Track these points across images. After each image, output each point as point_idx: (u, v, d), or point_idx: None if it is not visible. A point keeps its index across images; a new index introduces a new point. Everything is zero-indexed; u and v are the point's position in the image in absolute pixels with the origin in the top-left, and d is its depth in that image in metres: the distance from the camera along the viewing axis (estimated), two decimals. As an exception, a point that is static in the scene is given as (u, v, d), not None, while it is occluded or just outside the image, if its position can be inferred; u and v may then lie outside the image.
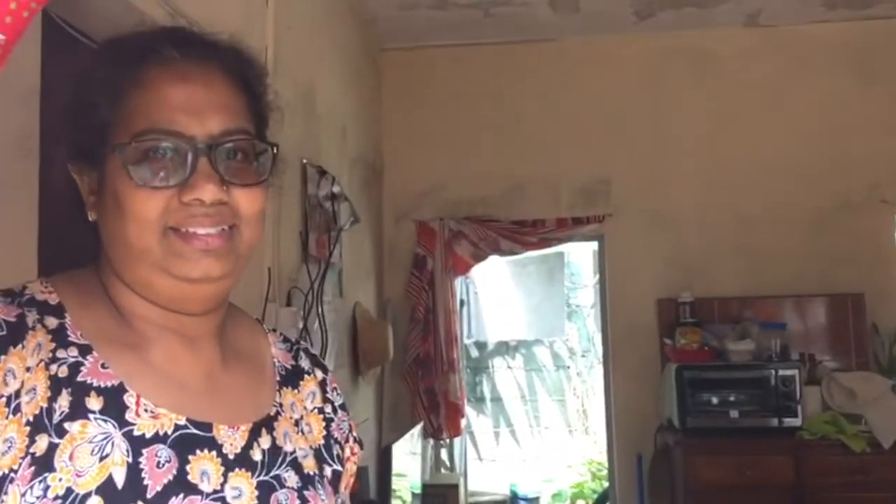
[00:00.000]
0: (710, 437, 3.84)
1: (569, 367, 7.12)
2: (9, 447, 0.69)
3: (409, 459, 3.45)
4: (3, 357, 0.71)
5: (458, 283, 4.82)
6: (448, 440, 4.62)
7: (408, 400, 4.38)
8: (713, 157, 4.41)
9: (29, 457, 0.69)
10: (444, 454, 4.78)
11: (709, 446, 3.81)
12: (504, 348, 6.92)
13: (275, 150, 0.82)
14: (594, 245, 4.98)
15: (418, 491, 3.72)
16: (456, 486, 4.30)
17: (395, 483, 3.09)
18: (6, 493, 0.67)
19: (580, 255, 7.17)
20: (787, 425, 3.80)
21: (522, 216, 4.48)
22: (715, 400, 3.87)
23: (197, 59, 0.80)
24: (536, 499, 6.12)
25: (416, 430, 3.73)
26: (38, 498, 0.67)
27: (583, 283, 7.42)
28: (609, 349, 4.56)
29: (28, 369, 0.72)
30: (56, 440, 0.70)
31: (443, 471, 4.75)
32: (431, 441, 4.43)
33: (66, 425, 0.71)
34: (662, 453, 4.14)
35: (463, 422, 4.49)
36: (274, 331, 0.96)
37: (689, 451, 3.82)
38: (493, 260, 4.81)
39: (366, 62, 4.29)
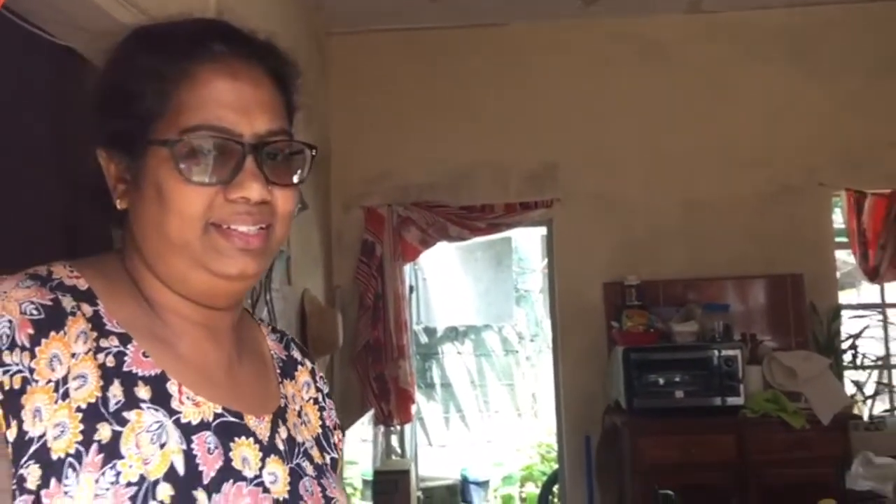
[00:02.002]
0: (657, 417, 3.91)
1: (518, 352, 7.17)
2: (61, 432, 0.69)
3: (360, 446, 3.44)
4: (44, 341, 0.71)
5: (407, 269, 4.81)
6: (398, 426, 4.62)
7: (358, 387, 4.36)
8: (658, 143, 4.47)
9: (95, 444, 0.70)
10: (394, 440, 4.78)
11: (655, 426, 3.88)
12: (453, 334, 6.95)
13: (313, 153, 0.83)
14: (542, 230, 5.01)
15: (369, 478, 3.71)
16: (407, 472, 4.30)
17: (347, 470, 3.07)
18: (75, 480, 0.68)
19: (528, 241, 7.22)
20: (730, 404, 3.88)
21: (471, 202, 4.48)
22: (661, 381, 3.94)
23: (244, 56, 0.80)
24: (486, 482, 6.18)
25: (367, 417, 3.72)
26: (111, 483, 0.68)
27: (531, 268, 7.48)
28: (557, 333, 4.61)
29: (74, 355, 0.72)
30: (118, 428, 0.71)
31: (393, 457, 4.75)
32: (382, 428, 4.42)
33: (125, 414, 0.72)
34: (610, 434, 4.21)
35: (413, 408, 4.50)
36: (262, 321, 0.98)
37: (636, 432, 3.89)
38: (442, 246, 4.81)
39: (311, 47, 4.23)
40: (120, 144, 0.80)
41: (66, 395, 0.71)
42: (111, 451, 0.70)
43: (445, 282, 6.84)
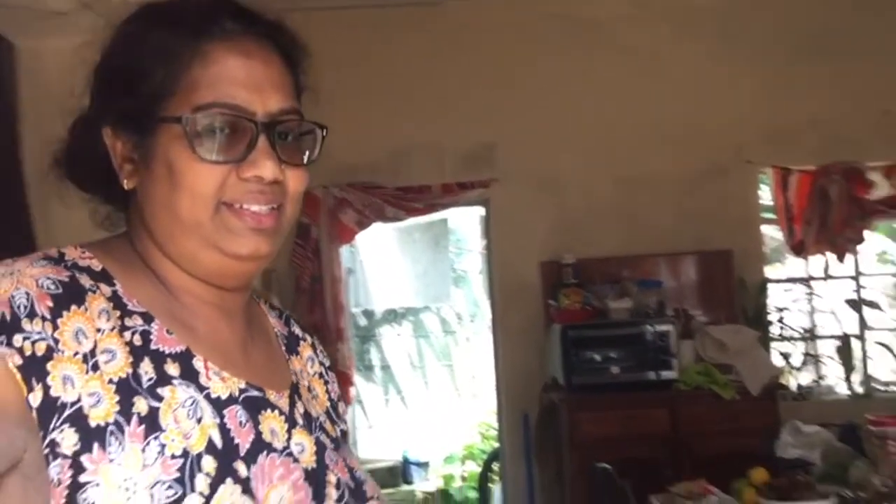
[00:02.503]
0: (594, 393, 3.97)
1: (456, 333, 7.20)
2: (97, 400, 0.69)
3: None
4: (65, 313, 0.71)
5: (344, 251, 4.76)
6: (338, 410, 4.58)
7: (296, 371, 4.30)
8: (593, 122, 4.51)
9: (135, 416, 0.70)
10: (334, 424, 4.74)
11: (592, 402, 3.94)
12: (392, 316, 6.92)
13: (324, 133, 0.83)
14: (480, 210, 5.02)
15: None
16: (347, 455, 4.28)
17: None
18: (119, 448, 0.68)
19: (465, 222, 7.24)
20: (664, 378, 3.97)
21: (408, 182, 4.46)
22: (597, 357, 4.01)
23: (255, 35, 0.80)
24: (427, 463, 6.20)
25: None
26: (158, 454, 0.69)
27: (468, 248, 7.50)
28: (496, 312, 4.63)
29: (99, 331, 0.72)
30: (155, 404, 0.71)
31: (333, 440, 4.71)
32: (321, 411, 4.38)
33: (159, 391, 0.72)
34: (548, 411, 4.26)
35: (352, 390, 4.47)
36: (260, 298, 0.97)
37: (574, 408, 3.94)
38: (379, 228, 4.77)
39: None
40: (129, 123, 0.79)
41: (95, 367, 0.70)
42: (152, 424, 0.70)
43: (383, 263, 6.81)
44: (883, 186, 4.45)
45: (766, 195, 4.71)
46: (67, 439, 0.67)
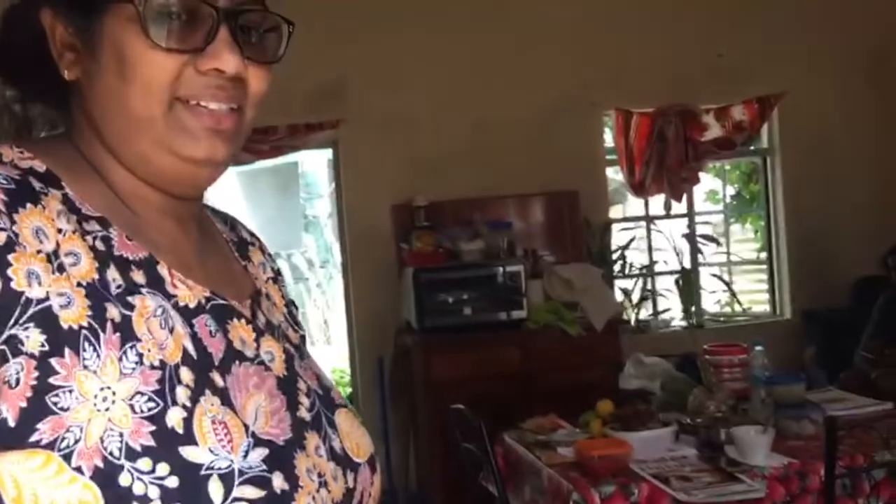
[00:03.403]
0: (446, 334, 3.99)
1: (308, 279, 7.06)
2: (68, 301, 0.63)
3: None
4: (21, 210, 0.64)
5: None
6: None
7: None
8: (446, 62, 4.43)
9: (109, 322, 0.65)
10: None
11: (445, 344, 3.96)
12: (239, 264, 6.68)
13: (290, 29, 0.77)
14: (329, 153, 4.86)
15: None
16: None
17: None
18: (94, 354, 0.63)
19: (316, 165, 7.05)
20: (514, 318, 4.05)
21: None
22: (450, 299, 4.02)
23: None
24: (281, 412, 6.08)
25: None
26: (135, 364, 0.64)
27: (319, 193, 7.32)
28: (347, 258, 4.54)
29: (60, 231, 0.66)
30: (127, 312, 0.66)
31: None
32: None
33: (129, 299, 0.67)
34: (402, 354, 4.26)
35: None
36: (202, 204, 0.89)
37: (428, 350, 3.95)
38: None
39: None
40: (72, 2, 0.70)
41: (62, 269, 0.64)
42: (127, 332, 0.65)
43: (229, 211, 6.52)
44: (715, 128, 4.68)
45: (608, 138, 4.85)
46: (33, 338, 0.61)
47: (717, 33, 4.70)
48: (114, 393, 0.62)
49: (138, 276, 0.69)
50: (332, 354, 6.70)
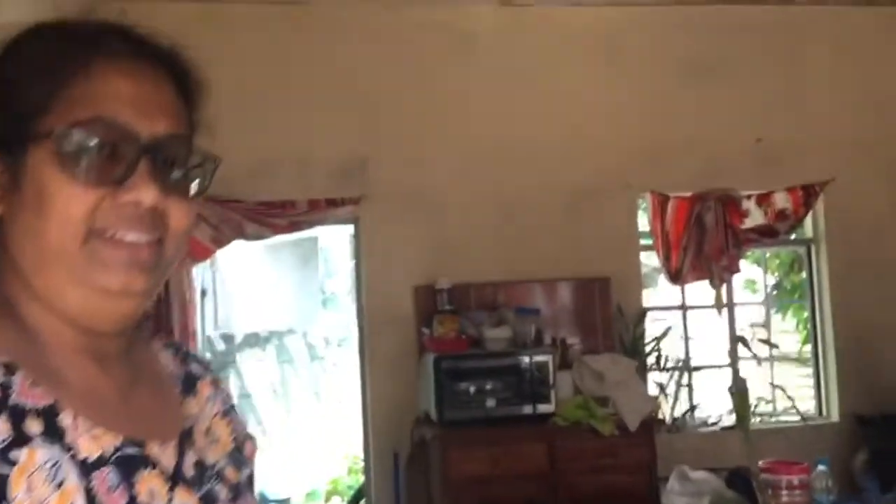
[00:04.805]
0: (467, 428, 3.71)
1: (324, 358, 6.81)
2: None
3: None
4: None
5: (200, 270, 4.31)
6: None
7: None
8: (470, 139, 4.28)
9: None
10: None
11: (465, 438, 3.69)
12: (254, 340, 6.46)
13: (216, 164, 0.78)
14: (350, 229, 4.68)
15: None
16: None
17: None
18: None
19: (336, 240, 6.89)
20: (540, 412, 3.77)
21: (270, 197, 4.07)
22: (472, 389, 3.75)
23: (148, 58, 0.75)
24: (288, 500, 5.77)
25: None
26: None
27: (338, 269, 7.14)
28: (365, 339, 4.30)
29: None
30: (5, 471, 0.64)
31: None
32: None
33: (13, 454, 0.65)
34: (419, 448, 3.97)
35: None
36: (155, 335, 0.89)
37: (446, 445, 3.67)
38: (241, 245, 4.35)
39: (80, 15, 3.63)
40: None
41: None
42: None
43: (246, 284, 6.34)
44: (756, 214, 4.45)
45: (643, 221, 4.62)
46: None
47: (757, 117, 4.52)
48: None
49: (34, 427, 0.67)
50: (345, 439, 6.40)
